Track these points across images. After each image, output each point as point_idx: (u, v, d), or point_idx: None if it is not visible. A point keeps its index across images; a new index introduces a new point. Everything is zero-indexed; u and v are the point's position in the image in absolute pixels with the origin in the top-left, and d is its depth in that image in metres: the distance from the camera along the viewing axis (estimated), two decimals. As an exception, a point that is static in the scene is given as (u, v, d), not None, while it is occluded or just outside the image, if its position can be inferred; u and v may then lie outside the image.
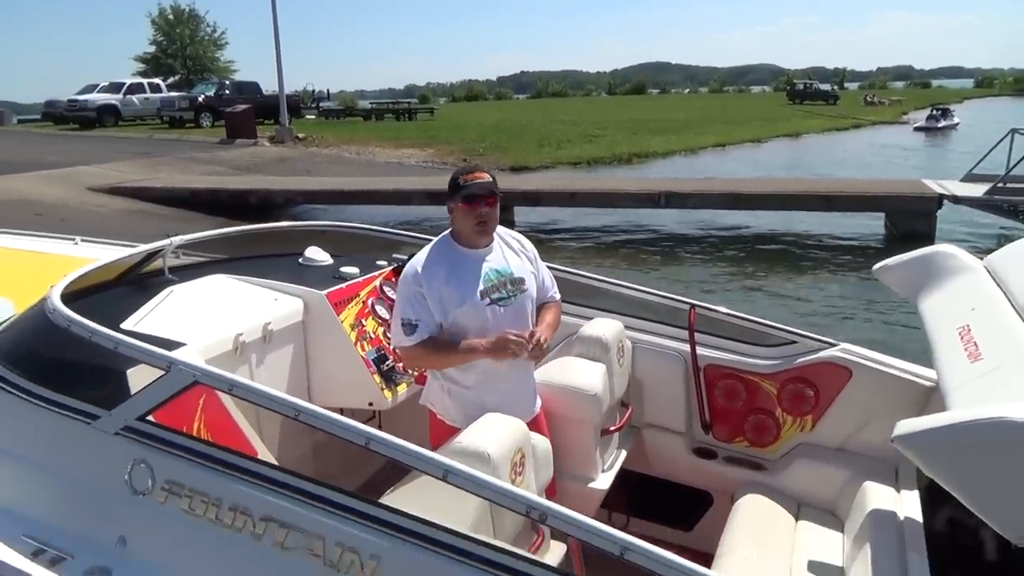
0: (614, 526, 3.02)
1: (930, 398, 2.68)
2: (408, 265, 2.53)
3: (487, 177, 2.45)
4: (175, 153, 21.79)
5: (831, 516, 2.72)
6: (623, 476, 3.04)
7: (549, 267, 2.84)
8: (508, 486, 1.70)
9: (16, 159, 18.45)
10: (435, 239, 2.58)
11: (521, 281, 2.54)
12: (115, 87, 32.40)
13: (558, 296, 2.78)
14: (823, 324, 8.20)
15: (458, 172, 2.51)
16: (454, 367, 2.53)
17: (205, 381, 2.00)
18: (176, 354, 2.10)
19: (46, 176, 16.45)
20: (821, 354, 2.97)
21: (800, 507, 2.81)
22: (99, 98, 31.32)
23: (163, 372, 2.03)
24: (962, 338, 2.03)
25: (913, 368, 2.83)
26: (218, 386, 2.00)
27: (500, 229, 2.58)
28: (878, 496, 2.48)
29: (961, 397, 1.75)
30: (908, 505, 2.40)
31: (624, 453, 3.12)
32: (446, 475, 1.68)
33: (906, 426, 1.58)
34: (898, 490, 2.52)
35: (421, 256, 2.51)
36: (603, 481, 2.90)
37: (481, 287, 2.45)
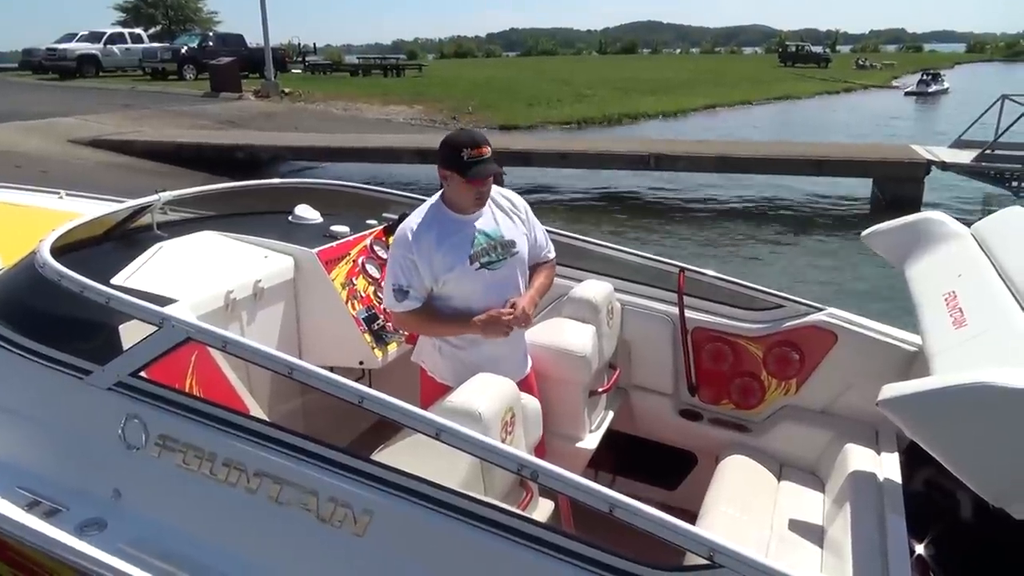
0: (600, 484, 3.07)
1: (913, 363, 2.73)
2: (400, 229, 2.51)
3: (489, 151, 2.37)
4: (158, 106, 21.37)
5: (812, 477, 2.78)
6: (610, 436, 3.08)
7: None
8: (500, 445, 1.73)
9: (-6, 109, 18.06)
10: (427, 201, 2.56)
11: (512, 244, 2.54)
12: (95, 36, 31.52)
13: (552, 255, 2.77)
14: (809, 287, 8.28)
15: (459, 142, 2.36)
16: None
17: (198, 338, 2.00)
18: (169, 310, 2.10)
19: (25, 127, 16.11)
20: (807, 318, 3.01)
21: (783, 468, 2.87)
22: (79, 47, 30.48)
23: (156, 328, 2.03)
24: (947, 304, 2.06)
25: (897, 333, 2.87)
26: (211, 343, 2.00)
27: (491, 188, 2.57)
28: (859, 458, 2.53)
29: (945, 362, 1.79)
30: (887, 467, 2.45)
31: (611, 414, 3.17)
32: (439, 434, 1.71)
33: (891, 390, 1.61)
34: (878, 452, 2.57)
35: (412, 220, 2.49)
36: (590, 441, 2.94)
37: (471, 251, 2.45)
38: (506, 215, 2.58)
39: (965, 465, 1.57)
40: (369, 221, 3.47)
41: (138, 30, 36.40)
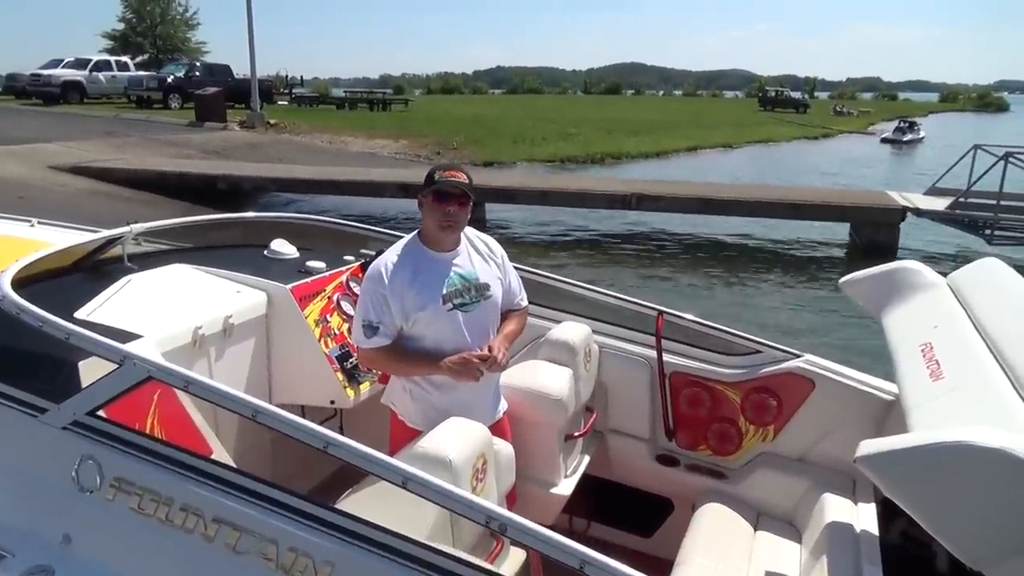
0: (575, 530, 3.00)
1: (890, 412, 2.72)
2: (373, 264, 2.47)
3: (463, 177, 2.39)
4: (142, 134, 21.29)
5: (789, 526, 2.74)
6: (585, 481, 3.03)
7: (517, 268, 2.80)
8: (469, 496, 1.67)
9: (-27, 133, 17.91)
10: (404, 238, 2.54)
11: (486, 287, 2.50)
12: (81, 63, 31.51)
13: (525, 303, 2.74)
14: (784, 331, 8.30)
15: (436, 166, 2.47)
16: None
17: (160, 377, 1.94)
18: (131, 347, 2.03)
19: (4, 152, 15.94)
20: (785, 365, 2.99)
21: (759, 517, 2.83)
22: (64, 74, 30.44)
23: (116, 366, 1.96)
24: (924, 356, 2.05)
25: (874, 381, 2.86)
26: (173, 383, 1.94)
27: (468, 231, 2.54)
28: (836, 508, 2.50)
29: (922, 416, 1.77)
30: (864, 518, 2.42)
31: (587, 458, 3.11)
32: (406, 483, 1.65)
33: (869, 446, 1.58)
34: (855, 502, 2.55)
35: (387, 256, 2.45)
36: (565, 487, 2.88)
37: (444, 291, 2.41)
38: (482, 258, 2.55)
39: (943, 526, 1.53)
40: (346, 257, 3.43)
41: (125, 58, 36.41)
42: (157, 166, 16.10)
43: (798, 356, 3.01)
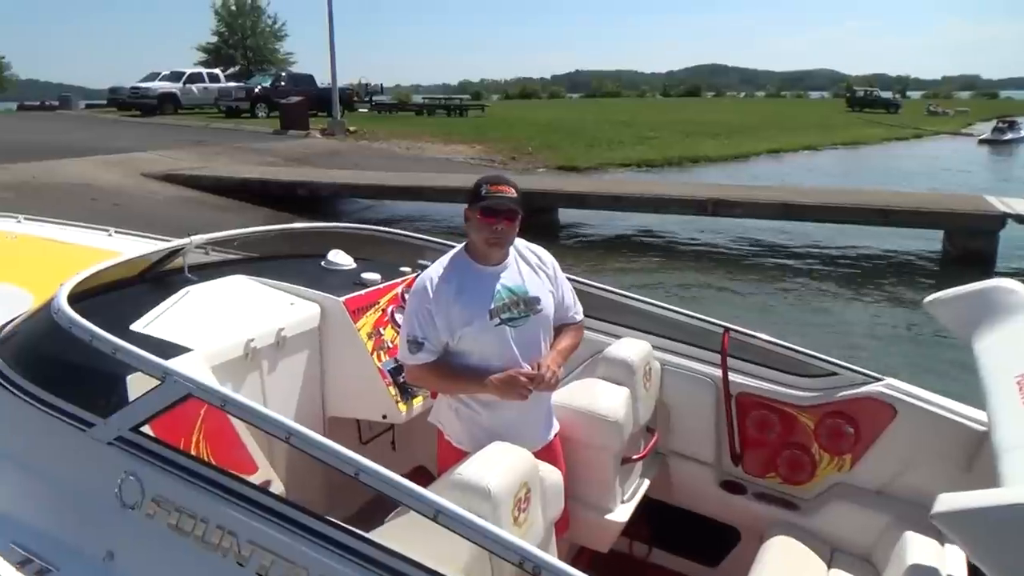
0: (635, 556, 2.84)
1: (981, 445, 2.46)
2: (419, 278, 2.41)
3: (511, 191, 2.29)
4: (229, 142, 22.18)
5: (867, 565, 2.54)
6: (647, 504, 2.89)
7: (572, 280, 2.68)
8: (501, 533, 1.57)
9: (79, 143, 19.04)
10: (450, 251, 2.46)
11: (536, 300, 2.39)
12: (175, 76, 33.34)
13: (580, 316, 2.61)
14: (868, 352, 7.80)
15: (482, 180, 2.35)
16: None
17: (199, 395, 1.92)
18: (174, 363, 2.03)
19: (104, 161, 16.90)
20: (864, 389, 2.77)
21: (833, 553, 2.63)
22: (160, 86, 32.31)
23: (159, 382, 1.96)
24: (1021, 389, 1.83)
25: (964, 410, 2.61)
26: (211, 401, 1.91)
27: (518, 242, 2.44)
28: (919, 548, 2.29)
29: (1016, 464, 1.56)
30: (952, 561, 2.21)
31: (647, 482, 2.97)
32: (437, 515, 1.57)
33: (948, 502, 1.39)
34: (941, 543, 2.32)
35: (432, 270, 2.38)
36: (621, 513, 2.75)
37: (492, 306, 2.31)
38: (532, 270, 2.44)
39: None
40: (403, 268, 3.39)
41: (216, 70, 38.16)
42: (241, 173, 16.71)
43: (879, 380, 2.78)
